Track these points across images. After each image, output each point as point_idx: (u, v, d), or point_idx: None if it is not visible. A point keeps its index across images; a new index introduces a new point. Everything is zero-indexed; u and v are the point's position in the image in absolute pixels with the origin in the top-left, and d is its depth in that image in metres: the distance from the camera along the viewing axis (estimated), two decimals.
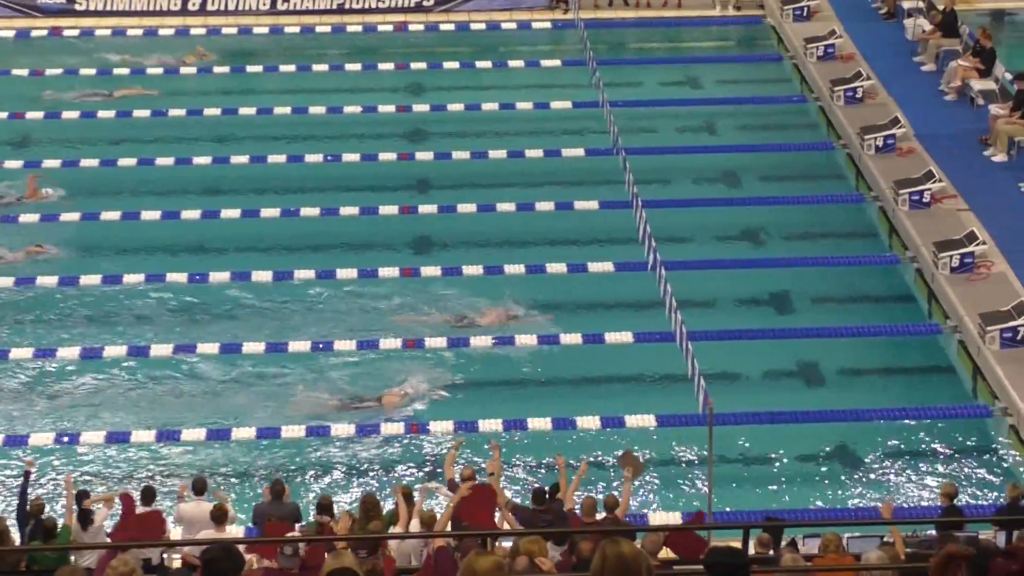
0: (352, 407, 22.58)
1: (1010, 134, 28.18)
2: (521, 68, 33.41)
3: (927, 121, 29.44)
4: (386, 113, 31.42)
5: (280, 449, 21.81)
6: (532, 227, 27.32)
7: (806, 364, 23.82)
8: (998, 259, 24.81)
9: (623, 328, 24.09)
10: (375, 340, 23.97)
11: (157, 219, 27.31)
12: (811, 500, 20.72)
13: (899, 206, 26.40)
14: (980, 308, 23.18)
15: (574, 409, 22.42)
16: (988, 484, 20.92)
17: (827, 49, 32.20)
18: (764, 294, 25.47)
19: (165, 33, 35.09)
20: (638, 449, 21.35)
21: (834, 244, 26.79)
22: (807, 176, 29.15)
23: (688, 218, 27.33)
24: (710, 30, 36.12)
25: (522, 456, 21.64)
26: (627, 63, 34.12)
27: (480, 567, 7.81)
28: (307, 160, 29.39)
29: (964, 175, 27.41)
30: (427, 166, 29.42)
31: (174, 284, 25.45)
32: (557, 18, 35.60)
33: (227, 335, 24.24)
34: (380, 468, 21.44)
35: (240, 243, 27.01)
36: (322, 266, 25.80)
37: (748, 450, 21.79)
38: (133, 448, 21.75)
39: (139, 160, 29.33)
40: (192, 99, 31.80)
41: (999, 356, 22.45)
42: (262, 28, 35.26)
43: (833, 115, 30.20)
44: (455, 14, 35.78)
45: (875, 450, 21.73)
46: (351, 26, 35.41)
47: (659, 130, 30.80)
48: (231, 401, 22.89)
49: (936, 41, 32.04)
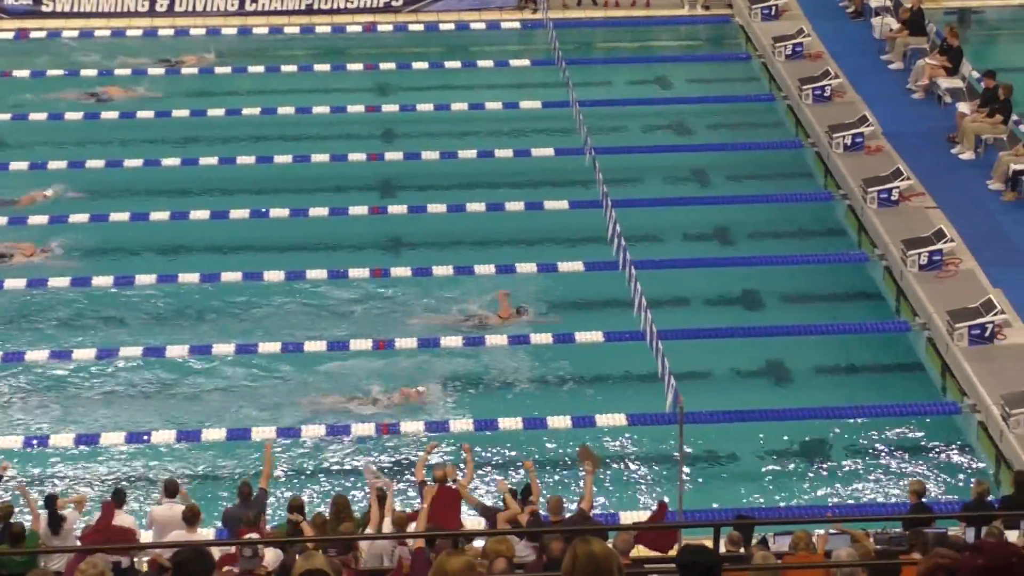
0: (363, 406, 22.58)
1: (977, 132, 28.29)
2: (490, 68, 33.41)
3: (895, 119, 29.54)
4: (355, 113, 31.38)
5: (251, 450, 21.77)
6: (502, 227, 27.33)
7: (776, 362, 23.88)
8: (966, 256, 24.91)
9: (593, 327, 24.12)
10: (344, 341, 23.96)
11: (126, 220, 27.21)
12: (781, 498, 20.76)
13: (868, 204, 26.48)
14: (948, 305, 23.27)
15: (545, 409, 22.44)
16: (957, 480, 21.01)
17: (795, 48, 32.28)
18: (734, 292, 25.52)
19: (133, 34, 34.98)
20: (609, 447, 21.42)
21: (803, 242, 26.86)
22: (776, 175, 29.22)
23: (658, 217, 27.37)
24: (679, 29, 36.17)
25: (493, 456, 21.66)
26: (596, 63, 34.16)
27: (451, 567, 7.81)
28: (276, 161, 29.34)
29: (932, 173, 27.51)
30: (396, 166, 29.40)
31: (143, 286, 25.38)
32: (526, 18, 35.61)
33: (198, 336, 24.19)
34: (352, 468, 21.42)
35: (209, 244, 26.95)
36: (291, 267, 25.76)
37: (718, 448, 21.83)
38: (103, 451, 21.69)
39: (107, 162, 29.24)
40: (160, 101, 31.69)
41: (967, 353, 22.54)
42: (230, 29, 35.17)
43: (801, 114, 30.27)
44: (424, 14, 35.76)
45: (845, 447, 21.80)
46: (320, 27, 35.36)
47: (628, 129, 30.84)
48: (206, 403, 22.85)
49: (903, 39, 32.15)
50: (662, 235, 27.12)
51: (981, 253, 25.00)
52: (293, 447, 21.77)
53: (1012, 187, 26.88)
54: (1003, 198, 26.93)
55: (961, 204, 26.59)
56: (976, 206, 26.65)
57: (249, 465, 21.40)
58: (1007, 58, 34.71)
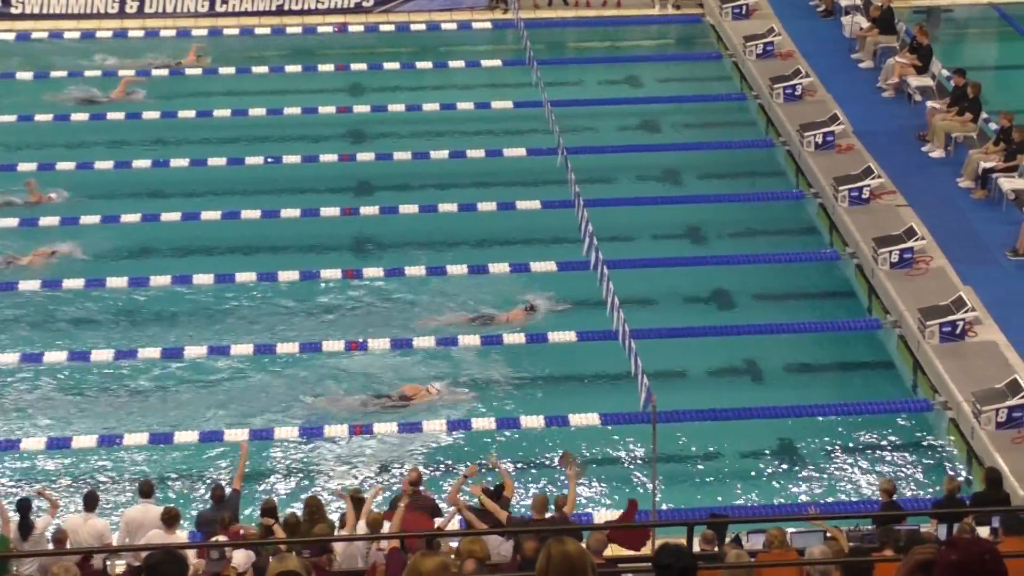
0: (379, 405, 22.58)
1: (947, 130, 28.39)
2: (462, 68, 33.41)
3: (865, 118, 29.63)
4: (326, 114, 31.34)
5: (224, 452, 21.73)
6: (474, 227, 27.32)
7: (748, 361, 23.92)
8: (937, 254, 25.00)
9: (566, 327, 24.14)
10: (317, 343, 23.94)
11: (97, 223, 27.13)
12: (755, 496, 20.81)
13: (839, 202, 26.56)
14: (919, 303, 23.35)
15: (518, 408, 22.45)
16: (928, 477, 21.08)
17: (766, 47, 32.35)
18: (706, 291, 25.57)
19: (103, 36, 34.89)
20: (583, 447, 21.45)
21: (775, 241, 26.92)
22: (748, 173, 29.29)
23: (630, 216, 27.40)
24: (650, 29, 36.23)
25: (465, 456, 21.65)
26: (567, 62, 34.19)
27: (425, 568, 7.81)
28: (247, 162, 29.30)
29: (902, 171, 27.60)
30: (368, 167, 29.37)
31: (114, 289, 25.32)
32: (497, 18, 35.62)
33: (166, 338, 24.10)
34: (327, 470, 21.39)
35: (180, 246, 26.89)
36: (262, 268, 25.73)
37: (692, 447, 21.87)
38: (74, 454, 21.63)
39: (77, 164, 29.15)
40: (131, 103, 31.58)
41: (938, 350, 22.63)
42: (201, 30, 35.09)
43: (773, 112, 30.35)
44: (395, 15, 35.74)
45: (817, 445, 21.85)
46: (290, 27, 35.32)
47: (600, 129, 30.87)
48: (178, 405, 22.81)
49: (873, 38, 32.25)
50: (634, 234, 27.15)
51: (951, 251, 25.10)
52: (266, 448, 21.72)
53: (982, 185, 26.99)
54: (973, 196, 27.04)
55: (931, 202, 26.68)
56: (946, 204, 26.75)
57: (223, 466, 21.35)
58: (976, 56, 34.88)
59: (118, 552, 17.81)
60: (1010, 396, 21.02)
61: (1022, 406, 20.92)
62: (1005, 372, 21.75)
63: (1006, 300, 23.81)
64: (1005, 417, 20.89)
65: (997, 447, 20.57)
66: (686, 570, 7.85)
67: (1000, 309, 23.53)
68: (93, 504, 18.15)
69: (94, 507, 18.12)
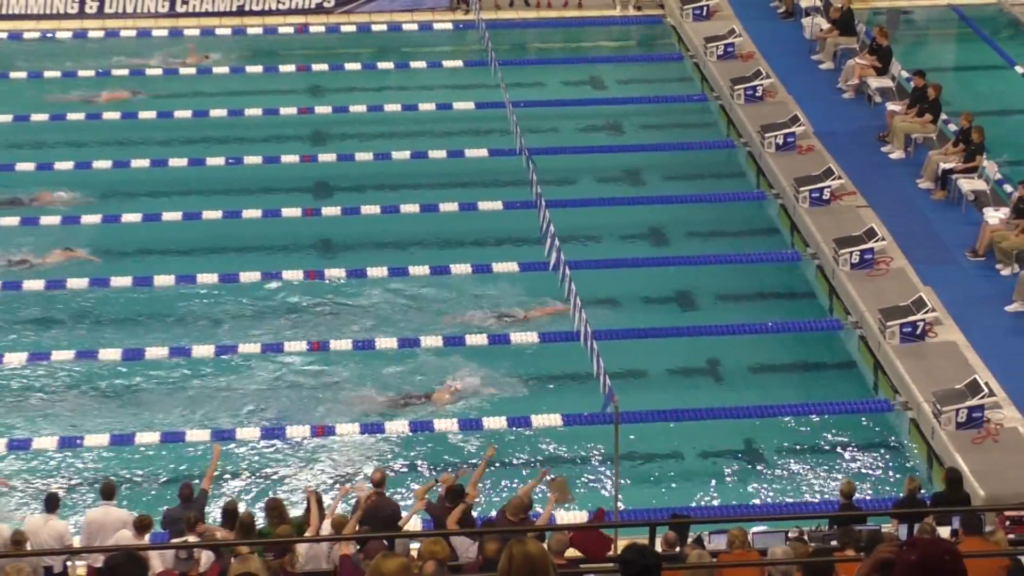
0: (401, 404, 22.54)
1: (907, 131, 28.52)
2: (423, 69, 33.37)
3: (826, 119, 29.74)
4: (288, 115, 31.27)
5: (189, 452, 21.66)
6: (436, 228, 27.30)
7: (710, 361, 23.98)
8: (897, 255, 25.10)
9: (528, 328, 24.15)
10: (280, 343, 23.88)
11: (57, 223, 27.00)
12: (717, 497, 20.85)
13: (800, 203, 26.64)
14: (880, 303, 23.44)
15: (481, 409, 22.45)
16: (889, 477, 21.16)
17: (727, 48, 32.44)
18: (668, 292, 25.61)
19: (63, 36, 34.74)
20: (544, 448, 21.46)
21: (736, 241, 26.98)
22: (709, 174, 29.35)
23: (592, 217, 27.43)
24: (611, 30, 36.27)
25: (428, 457, 21.65)
26: (529, 63, 34.19)
27: (387, 569, 7.80)
28: (208, 163, 29.21)
29: (863, 172, 27.71)
30: (330, 168, 29.32)
31: (73, 289, 25.22)
32: (458, 19, 35.61)
33: (130, 340, 24.00)
34: (292, 472, 21.35)
35: (141, 247, 26.78)
36: (225, 269, 25.66)
37: (654, 448, 21.89)
38: (35, 456, 21.53)
39: (37, 165, 28.99)
40: (92, 104, 31.46)
41: (899, 351, 22.72)
42: (161, 31, 34.97)
43: (734, 113, 30.42)
44: (356, 15, 35.69)
45: (779, 446, 21.91)
46: (251, 28, 35.23)
47: (562, 130, 30.89)
48: (141, 405, 22.73)
49: (833, 40, 32.37)
50: (596, 235, 27.18)
51: (912, 251, 25.21)
52: (231, 450, 21.66)
53: (941, 186, 27.12)
54: (933, 197, 27.16)
55: (892, 203, 26.80)
56: (906, 205, 26.86)
57: (187, 467, 21.28)
58: (936, 58, 35.05)
59: (79, 554, 17.73)
60: (970, 396, 21.12)
61: (982, 406, 21.02)
62: (965, 372, 21.85)
63: (966, 301, 23.93)
64: (965, 417, 20.99)
65: (957, 447, 20.66)
66: (650, 569, 7.85)
67: (960, 310, 23.64)
68: (54, 506, 18.05)
69: (55, 509, 18.02)
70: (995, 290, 24.25)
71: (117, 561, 8.55)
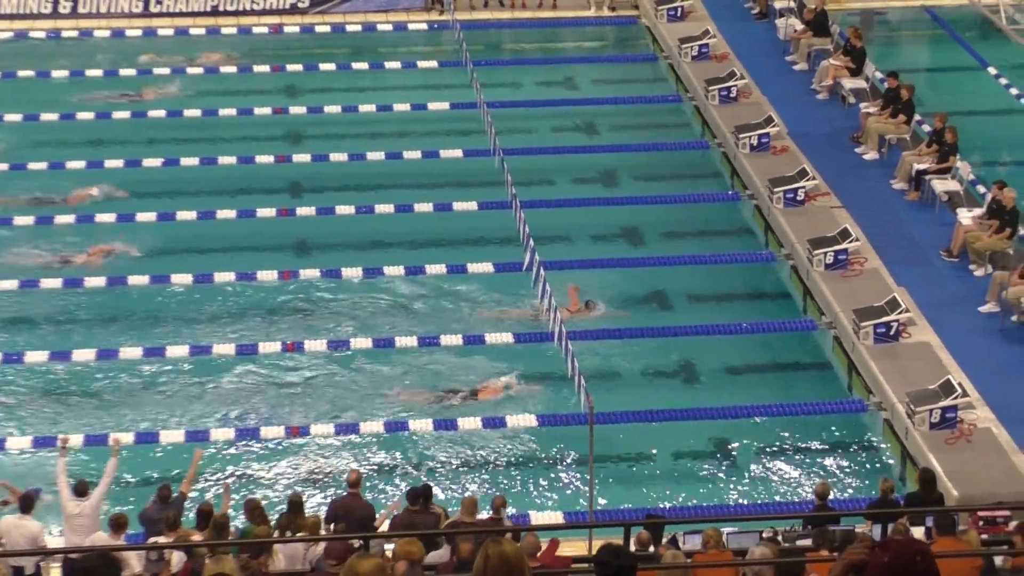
0: (446, 401, 22.53)
1: (881, 132, 28.59)
2: (398, 69, 33.35)
3: (800, 120, 29.80)
4: (262, 115, 31.22)
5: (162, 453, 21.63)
6: (411, 228, 27.29)
7: (684, 362, 24.00)
8: (871, 255, 25.17)
9: (503, 329, 24.15)
10: (254, 344, 23.85)
11: (31, 224, 26.92)
12: (691, 497, 20.87)
13: (774, 204, 26.69)
14: (854, 304, 23.49)
15: (454, 410, 22.43)
16: (863, 477, 21.21)
17: (701, 49, 32.48)
18: (642, 292, 25.63)
19: (36, 36, 34.63)
20: (519, 448, 21.48)
21: (711, 242, 27.02)
22: (683, 175, 29.38)
23: (567, 218, 27.44)
24: (585, 31, 36.29)
25: (399, 458, 21.62)
26: (504, 64, 34.19)
27: (362, 569, 7.80)
28: (183, 164, 29.15)
29: (837, 173, 27.78)
30: (304, 168, 29.29)
31: (45, 289, 25.16)
32: (433, 19, 35.59)
33: (103, 339, 23.96)
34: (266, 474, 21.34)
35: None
36: (199, 269, 25.61)
37: (629, 448, 21.91)
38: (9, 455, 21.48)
39: (11, 166, 28.92)
40: (66, 104, 31.37)
41: (873, 351, 22.77)
42: (135, 31, 34.88)
43: (708, 114, 30.47)
44: (330, 16, 35.65)
45: (753, 446, 21.94)
46: (225, 28, 35.16)
47: (537, 130, 30.90)
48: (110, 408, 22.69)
49: (807, 40, 32.44)
50: (571, 235, 27.19)
51: (885, 252, 25.27)
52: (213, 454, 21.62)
53: (915, 187, 27.20)
54: (907, 197, 27.24)
55: (865, 203, 26.86)
56: (880, 205, 26.93)
57: (160, 468, 21.25)
58: (909, 59, 35.16)
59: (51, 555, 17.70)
60: (943, 397, 21.18)
61: (955, 407, 21.08)
62: (939, 373, 21.92)
63: (940, 301, 24.00)
64: (939, 418, 21.05)
65: (931, 447, 20.72)
66: (625, 570, 7.86)
67: (934, 310, 23.71)
68: (29, 506, 18.01)
69: (30, 509, 17.98)
70: (969, 291, 24.33)
71: (90, 563, 8.51)
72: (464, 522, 17.45)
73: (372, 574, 7.76)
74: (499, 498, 18.07)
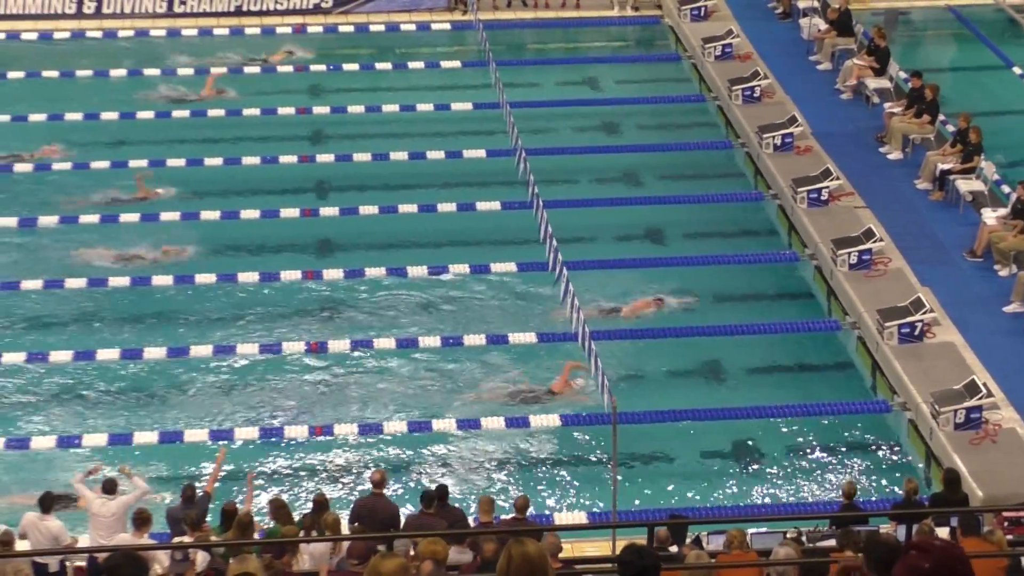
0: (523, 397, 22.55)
1: (905, 132, 28.52)
2: (421, 69, 33.36)
3: (824, 119, 29.74)
4: (286, 115, 31.25)
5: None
6: (434, 228, 27.28)
7: (708, 362, 23.96)
8: (895, 255, 25.11)
9: (527, 329, 24.14)
10: (278, 343, 23.88)
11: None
12: (715, 497, 20.84)
13: (798, 204, 26.64)
14: (878, 304, 23.44)
15: (478, 410, 22.44)
16: (887, 478, 21.15)
17: (724, 49, 32.44)
18: (666, 293, 25.56)
19: (60, 36, 34.73)
20: (543, 449, 21.48)
21: (734, 242, 26.98)
22: (707, 175, 29.34)
23: (589, 218, 27.42)
24: (609, 31, 36.26)
25: (423, 457, 21.64)
26: (526, 64, 34.18)
27: (385, 569, 7.80)
28: (206, 164, 29.20)
29: (861, 173, 27.72)
30: (328, 168, 29.31)
31: (69, 289, 25.23)
32: (456, 19, 35.60)
33: (130, 339, 24.03)
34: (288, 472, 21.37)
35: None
36: (222, 270, 25.66)
37: (652, 448, 21.89)
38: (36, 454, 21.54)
39: (36, 166, 29.02)
40: (87, 103, 31.44)
41: (897, 351, 22.71)
42: (159, 31, 34.96)
43: (731, 114, 30.42)
44: (354, 15, 35.68)
45: (777, 446, 21.91)
46: (249, 28, 35.21)
47: (559, 130, 30.88)
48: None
49: (831, 40, 32.38)
50: (594, 236, 27.18)
51: (909, 252, 25.21)
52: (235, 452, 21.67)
53: (939, 186, 27.12)
54: (931, 197, 27.17)
55: (890, 203, 26.80)
56: (904, 205, 26.87)
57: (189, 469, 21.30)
58: (933, 59, 35.07)
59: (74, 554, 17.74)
60: (968, 397, 21.12)
61: (980, 407, 21.03)
62: (963, 373, 21.86)
63: (964, 301, 23.94)
64: (963, 418, 20.99)
65: (955, 448, 20.66)
66: (648, 570, 7.84)
67: (958, 310, 23.65)
68: (49, 505, 18.07)
69: (50, 508, 18.04)
70: (993, 291, 24.26)
71: (116, 562, 8.50)
72: (484, 523, 17.43)
73: (395, 574, 7.76)
74: (522, 498, 18.05)
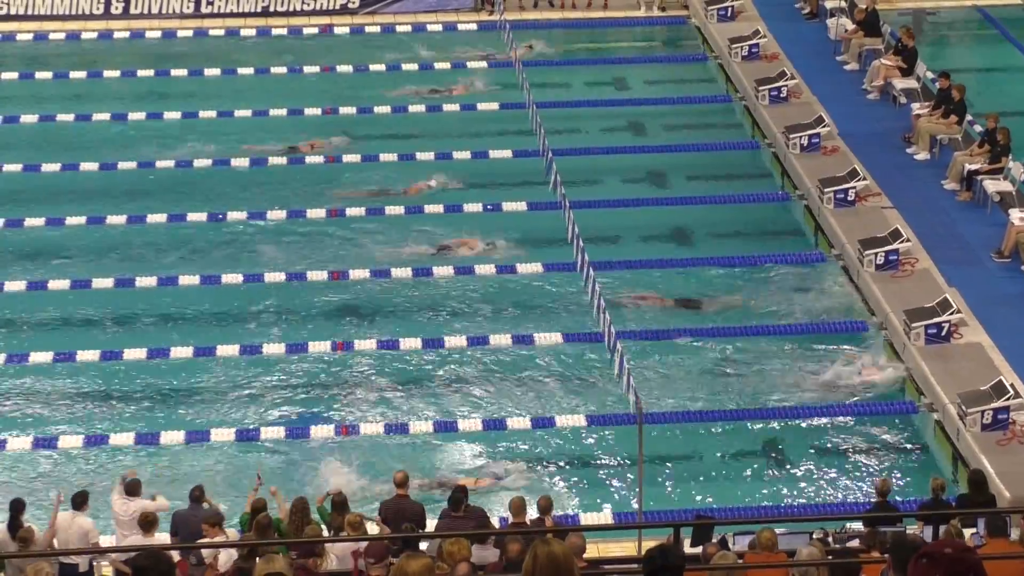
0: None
1: (932, 132, 28.44)
2: (447, 70, 33.35)
3: (851, 120, 29.67)
4: (312, 116, 31.28)
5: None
6: (460, 229, 27.27)
7: (734, 362, 23.90)
8: (922, 256, 25.04)
9: (552, 328, 24.14)
10: (304, 343, 23.93)
11: (84, 223, 27.10)
12: (741, 497, 20.81)
13: (824, 204, 26.59)
14: (905, 305, 23.39)
15: (504, 410, 22.45)
16: (914, 479, 21.09)
17: (751, 49, 32.39)
18: (692, 293, 25.54)
19: (88, 37, 34.84)
20: (568, 448, 21.47)
21: (761, 243, 26.93)
22: (734, 175, 29.31)
23: (616, 218, 27.40)
24: (635, 31, 36.23)
25: (449, 459, 21.64)
26: (553, 64, 34.16)
27: (411, 569, 7.81)
28: (232, 165, 29.25)
29: (888, 173, 27.65)
30: (354, 168, 29.29)
31: (96, 288, 25.32)
32: (483, 20, 35.61)
33: (155, 340, 24.09)
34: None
35: (167, 248, 26.82)
36: (247, 270, 25.74)
37: (678, 449, 21.87)
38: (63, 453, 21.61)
39: (63, 166, 29.13)
40: (115, 103, 31.53)
41: (924, 352, 22.65)
42: (186, 31, 35.05)
43: (758, 114, 30.37)
44: (380, 16, 35.71)
45: (804, 447, 21.87)
46: (276, 29, 35.27)
47: (586, 131, 30.87)
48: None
49: (858, 40, 32.30)
50: (620, 236, 27.16)
51: (937, 253, 25.14)
52: (249, 446, 21.71)
53: (967, 187, 27.04)
54: (958, 198, 27.09)
55: (917, 204, 26.73)
56: (931, 206, 26.79)
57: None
58: (961, 59, 34.95)
59: (104, 553, 17.80)
60: (995, 398, 21.05)
61: (1007, 408, 20.96)
62: (990, 374, 21.79)
63: (991, 302, 23.86)
64: (990, 419, 20.93)
65: (982, 449, 20.60)
66: (671, 568, 7.85)
67: (985, 311, 23.57)
68: (81, 503, 18.14)
69: (82, 506, 18.11)
70: (1021, 291, 24.19)
71: (143, 562, 8.50)
72: (516, 523, 17.42)
73: (422, 574, 7.78)
74: (544, 499, 18.03)
